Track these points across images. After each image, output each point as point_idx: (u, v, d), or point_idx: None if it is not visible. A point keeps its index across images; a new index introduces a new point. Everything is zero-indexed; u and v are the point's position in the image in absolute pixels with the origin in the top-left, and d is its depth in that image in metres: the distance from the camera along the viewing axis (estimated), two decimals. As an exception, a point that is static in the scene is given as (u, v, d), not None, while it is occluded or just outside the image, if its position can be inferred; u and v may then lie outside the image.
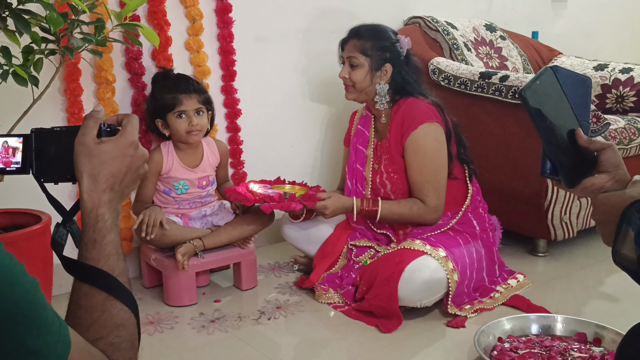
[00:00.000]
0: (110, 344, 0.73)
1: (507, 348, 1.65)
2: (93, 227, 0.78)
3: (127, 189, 0.83)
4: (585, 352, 1.61)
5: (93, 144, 0.80)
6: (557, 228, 2.34)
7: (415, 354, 1.71)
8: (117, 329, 0.75)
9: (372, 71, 2.02)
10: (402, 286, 1.80)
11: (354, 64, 2.03)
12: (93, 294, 0.75)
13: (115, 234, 0.80)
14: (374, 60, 2.02)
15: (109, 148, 0.80)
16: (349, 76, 2.03)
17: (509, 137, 2.38)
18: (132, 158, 0.82)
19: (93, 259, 0.77)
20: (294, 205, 1.96)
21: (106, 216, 0.79)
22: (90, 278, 0.76)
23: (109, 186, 0.80)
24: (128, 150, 0.82)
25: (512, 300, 1.99)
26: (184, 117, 2.07)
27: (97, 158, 0.79)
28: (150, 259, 2.12)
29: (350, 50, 2.04)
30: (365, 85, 2.03)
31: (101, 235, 0.78)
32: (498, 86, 2.35)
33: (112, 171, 0.80)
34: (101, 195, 0.79)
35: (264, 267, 2.36)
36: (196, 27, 2.32)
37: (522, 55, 3.08)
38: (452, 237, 1.99)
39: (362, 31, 2.06)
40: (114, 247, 0.79)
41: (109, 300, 0.76)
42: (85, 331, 0.72)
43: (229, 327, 1.88)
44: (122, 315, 0.76)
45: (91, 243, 0.78)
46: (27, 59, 1.59)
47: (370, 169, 2.14)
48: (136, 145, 0.83)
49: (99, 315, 0.74)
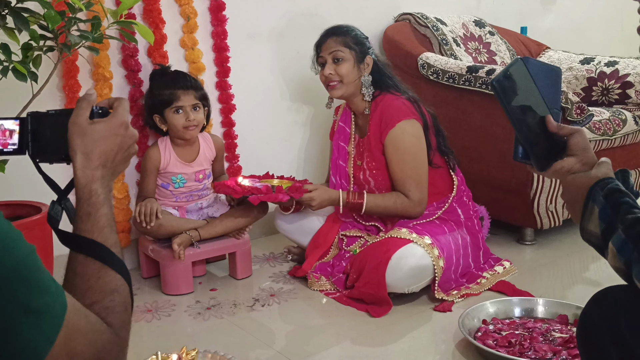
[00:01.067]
0: (105, 307, 0.79)
1: (491, 330, 1.72)
2: (87, 201, 0.84)
3: (119, 166, 0.89)
4: (566, 332, 1.68)
5: (86, 124, 0.86)
6: (544, 217, 2.40)
7: (403, 336, 1.77)
8: (111, 293, 0.80)
9: (357, 63, 2.09)
10: (390, 273, 1.87)
11: (339, 58, 2.08)
12: (88, 263, 0.81)
13: (108, 208, 0.86)
14: (356, 52, 2.09)
15: (101, 128, 0.87)
16: (335, 72, 2.09)
17: (495, 129, 2.45)
18: (123, 137, 0.88)
19: (87, 230, 0.83)
20: (281, 197, 2.03)
21: (99, 191, 0.85)
22: (85, 249, 0.82)
23: (102, 163, 0.86)
24: (119, 130, 0.88)
25: (498, 286, 2.06)
26: (181, 112, 2.14)
27: (90, 137, 0.85)
28: (148, 250, 2.18)
29: (332, 47, 2.09)
30: (353, 78, 2.09)
31: (95, 208, 0.84)
32: (485, 80, 2.42)
33: (104, 149, 0.86)
34: (94, 171, 0.85)
35: (258, 258, 2.43)
36: (191, 25, 2.38)
37: (511, 50, 3.14)
38: (437, 225, 2.05)
39: (337, 29, 2.14)
40: (107, 219, 0.85)
41: (103, 268, 0.81)
42: (81, 297, 0.78)
43: (225, 313, 1.94)
44: (116, 282, 0.82)
45: (85, 216, 0.84)
46: (27, 55, 1.65)
47: (352, 165, 2.21)
48: (127, 126, 0.89)
49: (94, 282, 0.80)
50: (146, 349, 1.71)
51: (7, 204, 1.82)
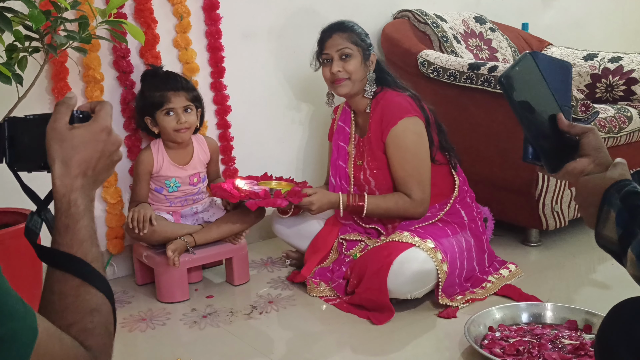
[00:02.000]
0: (84, 329, 0.73)
1: (498, 337, 1.65)
2: (65, 212, 0.78)
3: (101, 175, 0.82)
4: (575, 339, 1.62)
5: (65, 130, 0.79)
6: (549, 217, 2.34)
7: (406, 345, 1.71)
8: (90, 314, 0.74)
9: (364, 60, 2.03)
10: (392, 279, 1.80)
11: (347, 54, 2.02)
12: (66, 280, 0.75)
13: (89, 220, 0.79)
14: (363, 49, 2.03)
15: (81, 133, 0.80)
16: (344, 69, 2.02)
17: (498, 127, 2.38)
18: (104, 143, 0.82)
19: (66, 244, 0.76)
20: (280, 202, 1.96)
21: (79, 201, 0.78)
22: (63, 264, 0.75)
23: (82, 172, 0.79)
24: (100, 136, 0.81)
25: (503, 290, 2.00)
26: (172, 114, 2.07)
27: (69, 143, 0.79)
28: (142, 256, 2.12)
29: (340, 43, 2.03)
30: (361, 75, 2.04)
31: (74, 220, 0.77)
32: (487, 77, 2.35)
33: (85, 157, 0.79)
34: (73, 181, 0.78)
35: (256, 263, 2.36)
36: (184, 25, 2.32)
37: (512, 46, 3.08)
38: (440, 228, 1.99)
39: (343, 25, 2.07)
40: (87, 232, 0.78)
41: (82, 285, 0.75)
42: (58, 318, 0.72)
43: (221, 322, 1.88)
44: (96, 300, 0.75)
45: (64, 229, 0.77)
46: (11, 57, 1.58)
47: (352, 165, 2.15)
48: (109, 131, 0.83)
49: (72, 301, 0.74)
50: (140, 360, 1.65)
51: (6, 210, 1.75)
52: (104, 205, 2.20)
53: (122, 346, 1.79)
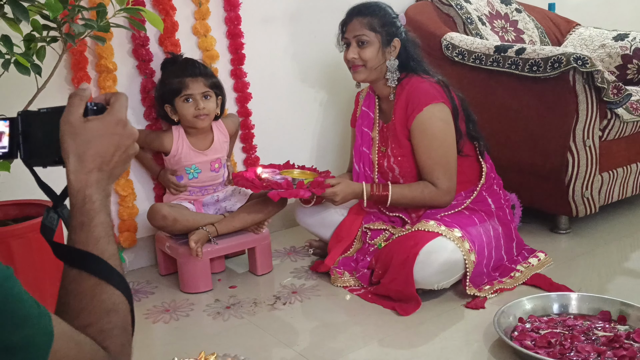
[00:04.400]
0: (101, 331, 0.70)
1: (529, 328, 1.60)
2: (80, 209, 0.75)
3: (117, 169, 0.80)
4: (609, 330, 1.56)
5: (79, 123, 0.76)
6: (579, 204, 2.27)
7: (434, 337, 1.67)
8: (107, 314, 0.72)
9: (382, 47, 1.96)
10: (418, 269, 1.76)
11: (363, 41, 1.96)
12: (82, 279, 0.72)
13: (105, 216, 0.76)
14: (382, 35, 1.96)
15: (95, 126, 0.77)
16: (359, 55, 1.97)
17: (527, 111, 2.31)
18: (120, 137, 0.79)
19: (82, 242, 0.74)
20: (302, 193, 1.92)
21: (94, 197, 0.76)
22: (78, 262, 0.73)
23: (97, 166, 0.77)
24: (116, 129, 0.78)
25: (533, 279, 1.94)
26: (190, 101, 2.04)
27: (83, 137, 0.76)
28: (165, 247, 2.11)
29: (357, 29, 1.97)
30: (378, 63, 1.97)
31: (89, 217, 0.75)
32: (514, 59, 2.28)
33: (99, 150, 0.77)
34: (88, 175, 0.76)
35: (279, 252, 2.34)
36: (202, 11, 2.28)
37: (539, 27, 2.99)
38: (467, 217, 1.94)
39: (364, 9, 2.00)
40: (104, 229, 0.76)
41: (99, 285, 0.73)
42: (74, 318, 0.69)
43: (245, 313, 1.86)
44: (114, 299, 0.73)
45: (79, 226, 0.75)
46: (29, 47, 1.56)
47: (377, 151, 2.10)
48: (124, 124, 0.80)
49: (89, 302, 0.71)
50: (164, 352, 1.64)
51: (15, 203, 1.74)
52: (115, 198, 2.18)
53: (145, 338, 1.78)
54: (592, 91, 2.18)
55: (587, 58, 2.10)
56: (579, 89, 2.16)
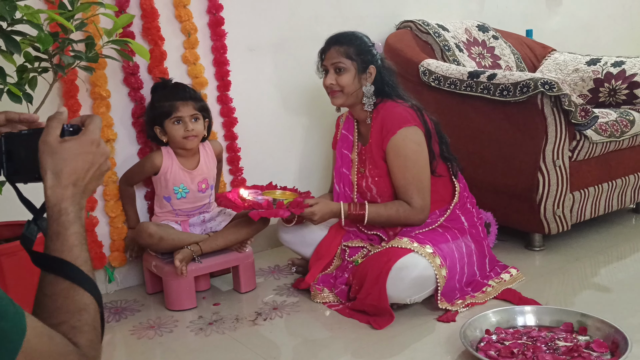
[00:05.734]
0: (73, 327, 0.79)
1: (494, 340, 1.68)
2: (57, 220, 0.84)
3: (90, 184, 0.89)
4: (570, 340, 1.64)
5: (56, 143, 0.86)
6: (551, 222, 2.36)
7: (405, 349, 1.75)
8: (78, 313, 0.80)
9: (358, 74, 2.08)
10: (391, 284, 1.84)
11: (340, 68, 2.08)
12: (57, 283, 0.81)
13: (79, 226, 0.85)
14: (358, 63, 2.07)
15: (71, 146, 0.86)
16: (336, 82, 2.08)
17: (499, 133, 2.42)
18: (94, 155, 0.88)
19: (57, 250, 0.83)
20: (282, 213, 2.02)
21: (69, 210, 0.85)
22: (54, 268, 0.82)
23: (72, 182, 0.86)
24: (90, 148, 0.88)
25: (503, 294, 2.02)
26: (180, 123, 2.15)
27: (60, 156, 0.85)
28: (152, 266, 2.19)
29: (335, 57, 2.09)
30: (354, 89, 2.08)
31: (64, 227, 0.84)
32: (486, 84, 2.39)
33: (75, 168, 0.86)
34: (64, 190, 0.85)
35: (264, 270, 2.42)
36: (191, 41, 2.39)
37: (515, 53, 3.11)
38: (440, 234, 2.03)
39: (341, 38, 2.12)
40: (77, 238, 0.84)
41: (71, 287, 0.81)
42: (48, 317, 0.78)
43: (226, 328, 1.94)
44: (85, 300, 0.82)
45: (55, 235, 0.84)
46: (22, 77, 1.67)
47: (356, 172, 2.19)
48: (98, 143, 0.89)
49: (62, 302, 0.80)
50: (147, 366, 1.71)
51: (8, 224, 1.83)
52: (105, 219, 2.28)
53: (130, 353, 1.86)
54: (561, 114, 2.29)
55: (554, 82, 2.21)
56: (547, 111, 2.26)
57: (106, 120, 2.22)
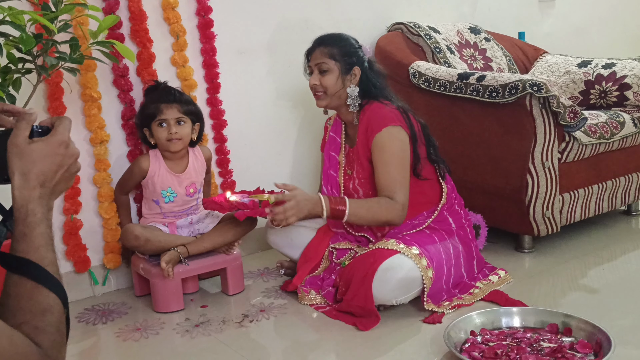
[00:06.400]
0: (35, 328, 0.78)
1: (479, 341, 1.68)
2: (23, 221, 0.84)
3: (59, 186, 0.88)
4: (555, 341, 1.63)
5: (24, 144, 0.85)
6: (540, 224, 2.35)
7: (389, 350, 1.74)
8: (42, 314, 0.80)
9: (342, 75, 2.07)
10: (376, 285, 1.83)
11: (324, 70, 2.07)
12: (22, 283, 0.81)
13: (46, 227, 0.85)
14: (342, 64, 2.07)
15: (40, 147, 0.86)
16: (320, 83, 2.08)
17: (488, 135, 2.42)
18: (62, 157, 0.88)
19: (23, 250, 0.82)
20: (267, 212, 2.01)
21: (36, 210, 0.84)
22: (19, 268, 0.81)
23: (40, 183, 0.85)
24: (59, 149, 0.87)
25: (490, 296, 2.02)
26: (165, 125, 2.15)
27: (28, 157, 0.85)
28: (139, 268, 2.18)
29: (319, 58, 2.09)
30: (337, 90, 2.07)
31: (30, 228, 0.83)
32: (475, 86, 2.39)
33: (43, 169, 0.86)
34: (31, 192, 0.84)
35: (253, 273, 2.42)
36: (180, 43, 2.40)
37: (507, 55, 3.11)
38: (427, 235, 2.02)
39: (326, 39, 2.12)
40: (44, 239, 0.84)
41: (36, 288, 0.81)
42: (11, 317, 0.77)
43: (212, 330, 1.93)
44: (49, 301, 0.81)
45: (21, 236, 0.83)
46: (5, 78, 1.67)
47: (343, 174, 2.19)
48: (66, 145, 0.89)
49: (26, 302, 0.79)
50: (130, 368, 1.71)
51: None
52: (99, 220, 2.28)
53: (115, 355, 1.85)
54: (550, 115, 2.29)
55: (542, 84, 2.21)
56: (536, 113, 2.26)
57: (98, 122, 2.22)
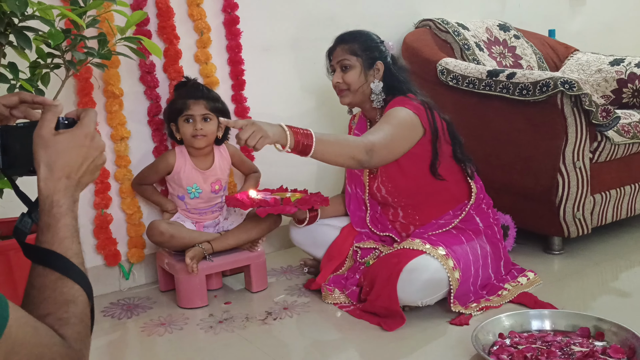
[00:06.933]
0: (59, 319, 0.78)
1: (508, 344, 1.64)
2: (48, 212, 0.83)
3: (84, 178, 0.88)
4: (586, 346, 1.59)
5: (50, 136, 0.85)
6: (570, 225, 2.30)
7: (414, 351, 1.71)
8: (66, 305, 0.79)
9: (364, 70, 2.04)
10: (401, 286, 1.80)
11: (346, 66, 2.05)
12: (46, 274, 0.80)
13: (71, 219, 0.85)
14: (364, 59, 2.04)
15: (65, 139, 0.86)
16: (343, 80, 2.05)
17: (518, 134, 2.37)
18: (88, 149, 0.88)
19: (47, 242, 0.82)
20: (288, 209, 1.99)
21: (61, 202, 0.84)
22: (43, 260, 0.81)
23: (65, 175, 0.85)
24: (84, 141, 0.87)
25: (519, 298, 1.97)
26: (191, 121, 2.15)
27: (54, 148, 0.85)
28: (164, 264, 2.19)
29: (340, 55, 2.06)
30: (360, 85, 2.04)
31: (55, 219, 0.83)
32: (505, 84, 2.34)
33: (68, 161, 0.85)
34: (57, 183, 0.84)
35: (276, 271, 2.41)
36: (204, 40, 2.40)
37: (537, 53, 3.05)
38: (454, 235, 1.98)
39: (346, 36, 2.10)
40: (68, 230, 0.84)
41: (60, 279, 0.80)
42: (35, 308, 0.77)
43: (236, 327, 1.92)
44: (73, 292, 0.81)
45: (46, 227, 0.83)
46: (34, 73, 1.68)
47: (368, 173, 2.16)
48: (92, 137, 0.88)
49: (50, 294, 0.79)
50: (154, 363, 1.71)
51: (7, 221, 1.84)
52: (123, 215, 2.29)
53: (140, 350, 1.86)
54: (581, 114, 2.23)
55: (574, 82, 2.15)
56: (567, 111, 2.21)
57: (119, 118, 2.23)
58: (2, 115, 1.01)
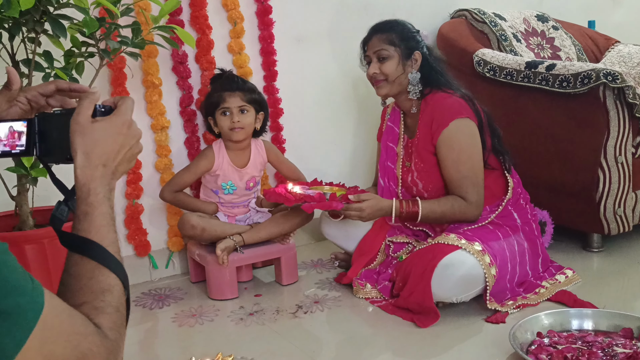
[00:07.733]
0: (95, 308, 0.76)
1: (546, 343, 1.58)
2: (85, 200, 0.82)
3: (121, 166, 0.87)
4: (629, 347, 1.52)
5: (87, 123, 0.84)
6: (611, 222, 2.22)
7: (449, 349, 1.67)
8: (102, 293, 0.78)
9: (402, 60, 1.99)
10: (436, 282, 1.76)
11: (383, 57, 2.00)
12: (83, 263, 0.79)
13: (107, 207, 0.83)
14: (402, 49, 1.99)
15: (103, 127, 0.84)
16: (380, 70, 2.01)
17: (557, 128, 2.29)
18: (125, 137, 0.86)
19: (84, 230, 0.81)
20: (335, 205, 1.94)
21: (98, 190, 0.83)
22: (80, 248, 0.80)
23: (102, 163, 0.84)
24: (121, 129, 0.86)
25: (557, 296, 1.91)
26: (228, 114, 2.13)
27: (90, 136, 0.83)
28: (195, 255, 2.18)
29: (377, 45, 2.02)
30: (398, 75, 2.00)
31: (92, 208, 0.82)
32: (545, 75, 2.27)
33: (105, 149, 0.84)
34: (93, 171, 0.83)
35: (306, 264, 2.38)
36: (237, 30, 2.38)
37: (576, 44, 2.96)
38: (490, 231, 1.93)
39: (382, 26, 2.05)
40: (105, 219, 0.82)
41: (97, 268, 0.79)
42: (71, 297, 0.76)
43: (266, 320, 1.90)
44: (109, 281, 0.79)
45: (83, 215, 0.82)
46: (69, 62, 1.68)
47: (401, 166, 2.12)
48: (129, 125, 0.87)
49: (86, 282, 0.78)
50: (185, 353, 1.70)
51: (44, 209, 1.85)
52: (163, 205, 2.31)
53: (171, 340, 1.86)
54: (624, 107, 2.15)
55: (617, 74, 2.07)
56: (609, 104, 2.13)
57: (159, 108, 2.23)
58: (39, 104, 1.00)
